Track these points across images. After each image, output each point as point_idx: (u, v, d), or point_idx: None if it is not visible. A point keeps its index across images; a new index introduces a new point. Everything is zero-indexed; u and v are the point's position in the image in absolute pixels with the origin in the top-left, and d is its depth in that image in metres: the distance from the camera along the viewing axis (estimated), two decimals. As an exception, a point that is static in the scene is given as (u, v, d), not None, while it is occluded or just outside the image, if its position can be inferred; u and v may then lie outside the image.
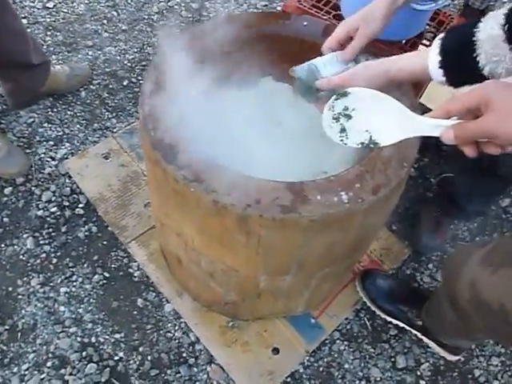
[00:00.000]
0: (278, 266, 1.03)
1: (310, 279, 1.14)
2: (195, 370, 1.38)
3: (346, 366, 1.43)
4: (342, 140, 0.81)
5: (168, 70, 1.06)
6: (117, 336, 1.42)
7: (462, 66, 0.77)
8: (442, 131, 0.69)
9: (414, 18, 1.36)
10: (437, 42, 0.79)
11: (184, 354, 1.40)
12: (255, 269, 1.04)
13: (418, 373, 1.44)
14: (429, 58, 0.80)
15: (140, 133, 1.01)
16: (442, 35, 0.80)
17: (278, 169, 1.14)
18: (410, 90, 1.05)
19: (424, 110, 0.84)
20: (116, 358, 1.39)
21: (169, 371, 1.37)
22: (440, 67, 0.79)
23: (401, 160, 0.92)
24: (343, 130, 0.81)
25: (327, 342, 1.45)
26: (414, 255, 1.64)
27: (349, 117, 0.82)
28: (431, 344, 1.41)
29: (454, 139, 0.67)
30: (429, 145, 1.84)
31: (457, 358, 1.41)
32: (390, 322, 1.47)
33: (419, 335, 1.43)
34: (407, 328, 1.44)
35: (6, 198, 1.68)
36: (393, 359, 1.45)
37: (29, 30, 2.22)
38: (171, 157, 0.90)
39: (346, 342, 1.46)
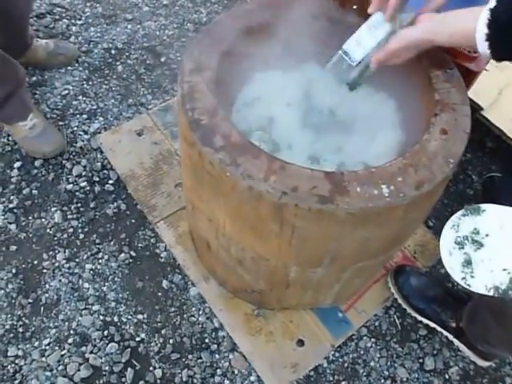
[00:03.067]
0: (310, 258, 1.02)
1: (342, 273, 1.12)
2: (217, 356, 1.39)
3: (372, 363, 1.41)
4: (464, 278, 0.61)
5: (211, 49, 1.05)
6: (140, 317, 1.44)
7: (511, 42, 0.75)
8: None
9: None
10: (486, 12, 0.76)
11: (206, 340, 1.41)
12: (286, 259, 1.04)
13: (447, 376, 1.42)
14: (477, 27, 0.77)
15: (177, 112, 1.01)
16: (492, 3, 0.76)
17: (317, 156, 1.13)
18: (461, 83, 1.02)
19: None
20: (137, 339, 1.40)
21: (190, 356, 1.39)
22: (486, 40, 0.76)
23: (447, 156, 0.90)
24: (468, 263, 0.62)
25: (354, 337, 1.44)
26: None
27: (479, 245, 0.62)
28: (462, 347, 1.39)
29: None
30: (473, 140, 1.79)
31: (488, 363, 1.39)
32: (421, 322, 1.45)
33: (450, 337, 1.41)
34: (438, 329, 1.42)
35: (36, 171, 1.70)
36: (421, 360, 1.43)
37: (68, 1, 2.24)
38: (208, 139, 0.89)
39: (373, 339, 1.45)
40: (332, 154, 1.15)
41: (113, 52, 2.08)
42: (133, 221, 1.61)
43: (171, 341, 1.40)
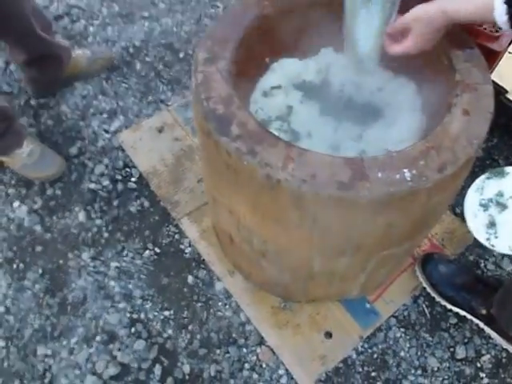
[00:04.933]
0: (333, 248, 1.01)
1: (367, 262, 1.10)
2: (244, 350, 1.38)
3: (402, 353, 1.39)
4: (488, 239, 0.64)
5: (224, 38, 1.04)
6: (166, 313, 1.44)
7: None
8: None
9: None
10: None
11: (234, 334, 1.41)
12: (309, 249, 1.02)
13: (478, 364, 1.38)
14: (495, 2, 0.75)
15: (192, 103, 1.00)
16: None
17: (337, 145, 1.11)
18: (482, 62, 0.99)
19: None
20: (165, 335, 1.41)
21: (218, 351, 1.38)
22: (507, 13, 0.73)
23: (470, 137, 0.87)
24: (492, 225, 0.64)
25: (383, 328, 1.42)
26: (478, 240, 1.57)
27: (503, 206, 0.64)
28: (494, 335, 1.36)
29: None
30: (499, 124, 1.74)
31: (521, 350, 1.36)
32: (450, 310, 1.42)
33: (481, 325, 1.38)
34: (469, 317, 1.39)
35: (59, 171, 1.72)
36: (452, 349, 1.40)
37: (85, 1, 2.25)
38: (224, 128, 0.88)
39: (402, 329, 1.42)
40: (353, 141, 1.13)
41: (131, 50, 2.08)
42: (156, 217, 1.61)
43: (198, 336, 1.40)
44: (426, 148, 0.85)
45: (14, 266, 1.52)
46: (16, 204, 1.64)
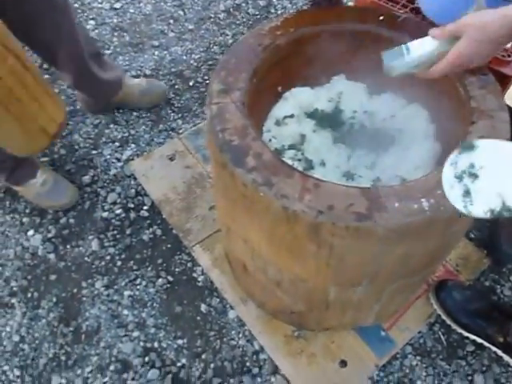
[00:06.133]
0: (349, 278, 1.00)
1: (382, 291, 1.09)
2: (259, 380, 1.36)
3: (419, 382, 1.36)
4: (465, 206, 0.70)
5: (237, 69, 1.05)
6: (179, 342, 1.43)
7: None
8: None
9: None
10: None
11: (248, 363, 1.39)
12: (325, 280, 1.01)
13: (498, 394, 1.36)
14: None
15: (207, 134, 1.01)
16: None
17: (351, 173, 1.11)
18: (497, 88, 0.99)
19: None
20: (178, 364, 1.39)
21: (232, 380, 1.36)
22: None
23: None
24: (467, 193, 0.70)
25: (398, 356, 1.40)
26: (493, 265, 1.55)
27: (475, 176, 0.70)
28: (512, 363, 1.34)
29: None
30: None
31: (542, 379, 1.33)
32: (467, 337, 1.40)
33: (499, 352, 1.35)
34: (486, 344, 1.36)
35: (72, 200, 1.73)
36: (470, 377, 1.37)
37: (96, 31, 2.29)
38: (240, 160, 0.88)
39: (418, 357, 1.40)
40: (366, 169, 1.13)
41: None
42: (169, 245, 1.61)
43: (212, 365, 1.39)
44: (443, 177, 0.85)
45: (29, 294, 1.52)
46: (30, 233, 1.65)
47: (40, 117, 1.20)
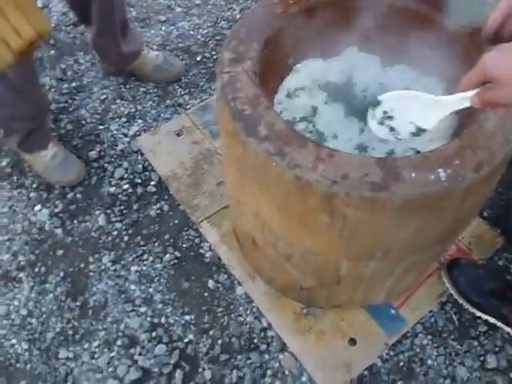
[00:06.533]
0: (362, 251, 0.98)
1: (396, 266, 1.08)
2: (266, 357, 1.36)
3: (429, 362, 1.36)
4: (395, 136, 0.91)
5: (249, 38, 1.03)
6: (187, 318, 1.42)
7: None
8: (470, 101, 0.75)
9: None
10: None
11: (255, 340, 1.38)
12: (337, 253, 1.00)
13: (511, 375, 1.35)
14: None
15: (217, 104, 0.99)
16: None
17: (364, 145, 1.09)
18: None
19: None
20: (186, 340, 1.39)
21: (239, 357, 1.36)
22: None
23: (506, 133, 0.85)
24: (392, 129, 0.91)
25: (409, 335, 1.39)
26: (507, 245, 1.53)
27: (391, 118, 0.91)
28: (527, 343, 1.33)
29: (480, 103, 0.73)
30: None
31: (556, 360, 1.32)
32: (480, 317, 1.38)
33: (513, 333, 1.34)
34: (499, 324, 1.35)
35: (79, 175, 1.72)
36: (482, 358, 1.36)
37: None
38: (252, 129, 0.87)
39: (429, 337, 1.39)
40: (380, 142, 1.10)
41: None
42: (176, 221, 1.60)
43: (219, 341, 1.38)
44: (461, 147, 0.83)
45: (36, 269, 1.52)
46: (37, 208, 1.65)
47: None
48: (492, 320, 1.36)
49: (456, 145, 0.83)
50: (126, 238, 1.57)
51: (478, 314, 1.37)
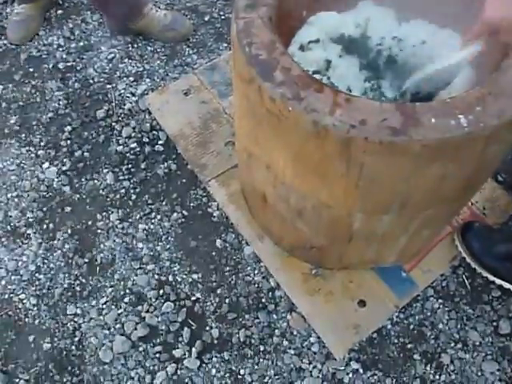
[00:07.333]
0: (377, 203, 0.97)
1: (411, 221, 1.07)
2: (274, 317, 1.37)
3: (440, 326, 1.36)
4: None
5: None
6: (194, 276, 1.43)
7: None
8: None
9: None
10: None
11: (263, 300, 1.39)
12: (351, 205, 0.99)
13: (525, 341, 1.35)
14: None
15: (232, 49, 0.97)
16: None
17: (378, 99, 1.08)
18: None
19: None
20: (193, 298, 1.40)
21: (247, 316, 1.37)
22: None
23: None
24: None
25: (419, 298, 1.39)
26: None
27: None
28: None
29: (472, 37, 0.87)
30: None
31: None
32: (493, 282, 1.38)
33: (528, 299, 1.34)
34: (514, 289, 1.35)
35: (86, 133, 1.72)
36: (495, 323, 1.36)
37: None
38: (267, 74, 0.85)
39: (440, 300, 1.39)
40: (394, 94, 1.09)
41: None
42: (184, 180, 1.60)
43: (227, 300, 1.39)
44: (483, 94, 0.81)
45: (44, 226, 1.53)
46: (45, 165, 1.65)
47: None
48: (507, 285, 1.35)
49: (478, 92, 0.82)
50: (133, 197, 1.57)
51: (492, 278, 1.37)
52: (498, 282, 1.37)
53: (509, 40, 0.86)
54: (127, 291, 1.41)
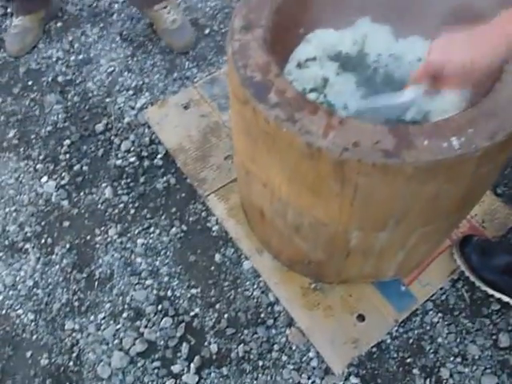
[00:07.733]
0: (373, 220, 0.99)
1: (408, 237, 1.08)
2: (273, 331, 1.38)
3: (440, 340, 1.37)
4: None
5: (260, 6, 1.03)
6: (193, 291, 1.44)
7: None
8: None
9: None
10: None
11: (262, 315, 1.40)
12: (347, 222, 1.01)
13: (525, 354, 1.36)
14: None
15: (228, 71, 0.99)
16: None
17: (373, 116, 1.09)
18: None
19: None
20: (192, 313, 1.41)
21: (246, 331, 1.38)
22: None
23: (521, 103, 0.85)
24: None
25: (418, 312, 1.40)
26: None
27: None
28: (540, 323, 1.33)
29: (417, 78, 0.92)
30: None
31: None
32: (492, 296, 1.39)
33: (527, 312, 1.35)
34: (512, 303, 1.36)
35: (85, 147, 1.74)
36: (494, 337, 1.37)
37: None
38: (262, 96, 0.87)
39: (440, 314, 1.40)
40: (389, 111, 1.10)
41: (155, 27, 2.08)
42: (183, 195, 1.61)
43: (226, 315, 1.41)
44: (475, 116, 0.83)
45: (43, 240, 1.55)
46: (44, 179, 1.67)
47: None
48: (506, 298, 1.36)
49: (469, 113, 0.84)
50: (132, 211, 1.59)
51: (491, 292, 1.38)
52: (497, 295, 1.37)
53: (447, 87, 0.93)
54: (126, 306, 1.42)
